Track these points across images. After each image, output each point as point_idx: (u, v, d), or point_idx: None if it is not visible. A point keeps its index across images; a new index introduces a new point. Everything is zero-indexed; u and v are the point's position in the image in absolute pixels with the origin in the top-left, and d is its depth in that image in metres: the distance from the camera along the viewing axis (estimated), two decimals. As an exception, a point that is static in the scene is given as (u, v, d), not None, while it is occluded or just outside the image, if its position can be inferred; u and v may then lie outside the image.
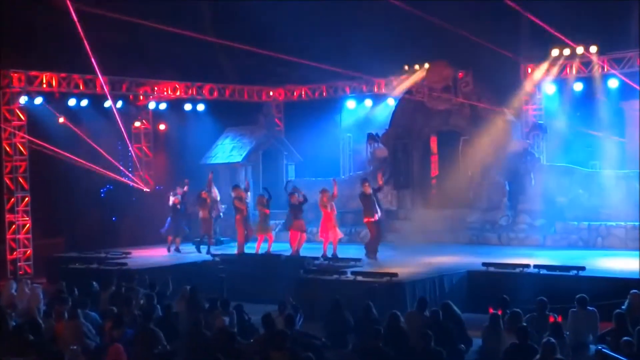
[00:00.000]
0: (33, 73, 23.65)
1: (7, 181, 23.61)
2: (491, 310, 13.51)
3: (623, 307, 13.05)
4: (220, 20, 26.90)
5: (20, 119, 23.72)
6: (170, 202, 23.03)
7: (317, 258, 19.75)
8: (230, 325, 13.05)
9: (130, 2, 23.12)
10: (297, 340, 12.08)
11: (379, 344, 11.53)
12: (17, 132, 23.63)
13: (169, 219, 23.08)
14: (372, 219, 19.74)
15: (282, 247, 21.24)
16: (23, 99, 23.68)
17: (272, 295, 16.45)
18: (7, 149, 23.55)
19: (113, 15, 20.15)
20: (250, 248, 21.57)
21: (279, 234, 23.32)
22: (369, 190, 19.75)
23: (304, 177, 28.22)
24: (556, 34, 21.03)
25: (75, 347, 10.84)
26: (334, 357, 11.97)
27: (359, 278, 17.07)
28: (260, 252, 21.18)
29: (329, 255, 20.02)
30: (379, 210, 19.92)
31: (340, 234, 20.58)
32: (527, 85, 23.72)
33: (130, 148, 26.56)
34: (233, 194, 22.07)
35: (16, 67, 23.19)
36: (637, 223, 20.91)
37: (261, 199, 21.51)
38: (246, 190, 23.02)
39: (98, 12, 19.96)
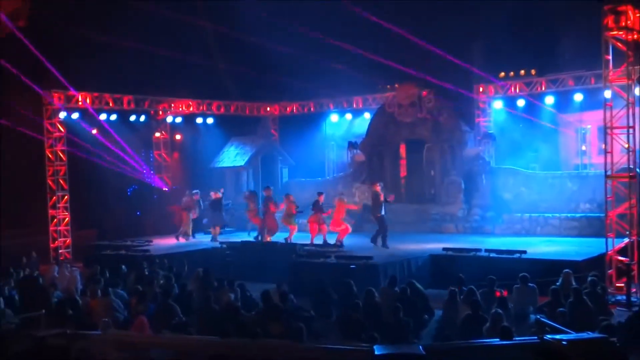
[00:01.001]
0: (70, 93, 23.63)
1: (50, 182, 23.57)
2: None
3: (557, 283, 13.14)
4: (226, 48, 26.88)
5: (60, 131, 23.69)
6: (213, 197, 22.69)
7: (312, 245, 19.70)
8: (235, 300, 13.06)
9: (151, 35, 23.14)
10: (291, 312, 12.12)
11: (357, 315, 11.58)
12: (57, 141, 23.64)
13: (210, 212, 22.83)
14: (379, 215, 19.36)
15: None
16: (62, 114, 23.66)
17: (270, 276, 16.46)
18: (50, 155, 23.53)
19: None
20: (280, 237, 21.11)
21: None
22: (378, 189, 19.48)
23: (295, 178, 28.24)
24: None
25: (107, 320, 10.84)
26: (320, 327, 11.99)
27: (341, 261, 17.11)
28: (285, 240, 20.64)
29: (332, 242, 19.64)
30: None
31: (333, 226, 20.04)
32: (480, 101, 23.81)
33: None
34: (265, 194, 21.60)
35: (56, 87, 23.17)
36: (569, 214, 21.07)
37: (288, 196, 21.11)
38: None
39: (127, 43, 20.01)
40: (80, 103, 23.87)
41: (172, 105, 26.74)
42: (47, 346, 9.32)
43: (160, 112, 26.81)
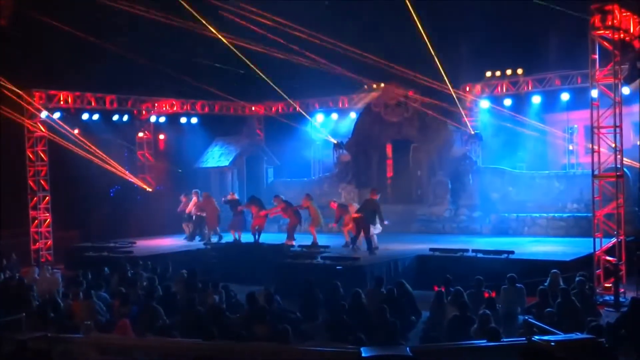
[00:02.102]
0: (52, 92, 23.46)
1: (31, 183, 23.42)
2: (436, 288, 13.58)
3: (545, 284, 13.16)
4: (210, 51, 26.73)
5: (41, 131, 23.52)
6: (229, 198, 22.02)
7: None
8: (220, 303, 12.99)
9: (134, 33, 22.98)
10: (276, 314, 12.07)
11: (344, 317, 11.55)
12: (38, 141, 23.47)
13: (232, 214, 21.77)
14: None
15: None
16: (44, 114, 23.49)
17: (256, 277, 16.41)
18: (31, 156, 23.39)
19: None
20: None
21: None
22: (377, 197, 18.87)
23: (281, 178, 28.20)
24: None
25: (89, 323, 10.75)
26: (307, 328, 11.95)
27: (328, 262, 17.07)
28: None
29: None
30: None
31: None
32: (466, 101, 23.87)
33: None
34: (275, 202, 20.79)
35: (38, 87, 22.98)
36: (556, 214, 21.15)
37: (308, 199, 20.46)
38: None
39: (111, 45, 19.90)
40: (62, 102, 23.71)
41: (156, 104, 26.62)
42: (28, 349, 9.25)
43: (144, 112, 26.68)
